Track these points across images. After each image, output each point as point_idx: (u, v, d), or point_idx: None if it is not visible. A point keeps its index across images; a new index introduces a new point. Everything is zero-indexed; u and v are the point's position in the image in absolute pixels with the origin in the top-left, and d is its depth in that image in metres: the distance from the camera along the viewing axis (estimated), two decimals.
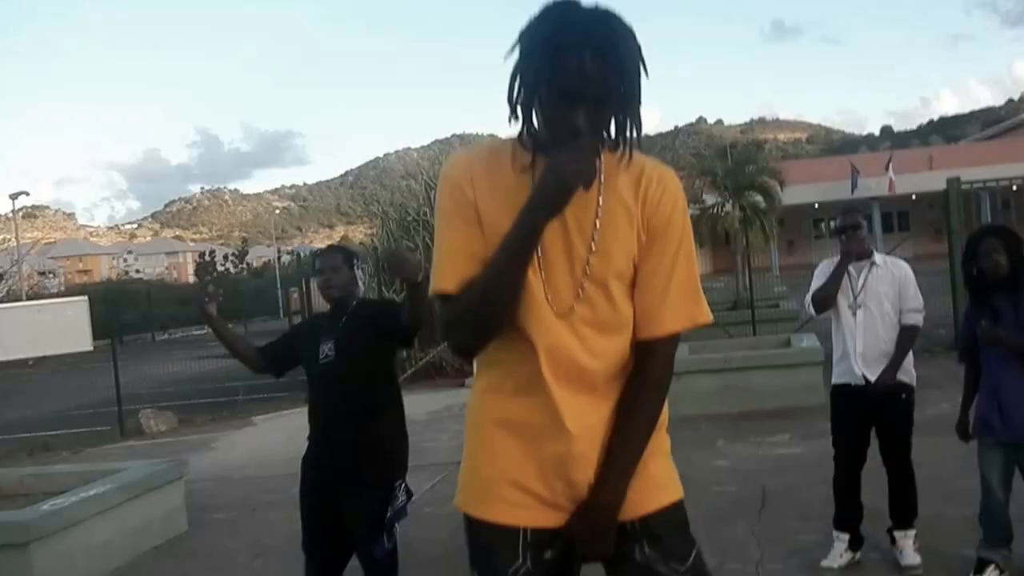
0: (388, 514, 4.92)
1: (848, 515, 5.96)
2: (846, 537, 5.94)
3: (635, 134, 2.36)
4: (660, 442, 2.56)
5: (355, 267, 5.07)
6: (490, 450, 2.51)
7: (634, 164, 2.43)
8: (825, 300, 5.94)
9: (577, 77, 2.19)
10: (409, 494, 5.04)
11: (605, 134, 2.34)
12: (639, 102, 2.33)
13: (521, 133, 2.38)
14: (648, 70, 2.31)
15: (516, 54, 2.31)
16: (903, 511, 5.85)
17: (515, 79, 2.32)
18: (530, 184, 2.31)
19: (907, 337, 5.77)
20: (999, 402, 5.02)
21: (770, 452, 8.92)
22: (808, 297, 6.10)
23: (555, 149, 2.25)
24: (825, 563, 5.92)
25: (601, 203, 2.39)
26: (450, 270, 2.38)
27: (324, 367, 4.89)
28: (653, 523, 2.49)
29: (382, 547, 4.98)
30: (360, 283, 5.10)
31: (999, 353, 5.04)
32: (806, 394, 10.12)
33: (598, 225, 2.38)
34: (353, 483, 4.84)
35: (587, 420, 2.42)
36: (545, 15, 2.27)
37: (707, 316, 2.53)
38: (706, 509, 6.84)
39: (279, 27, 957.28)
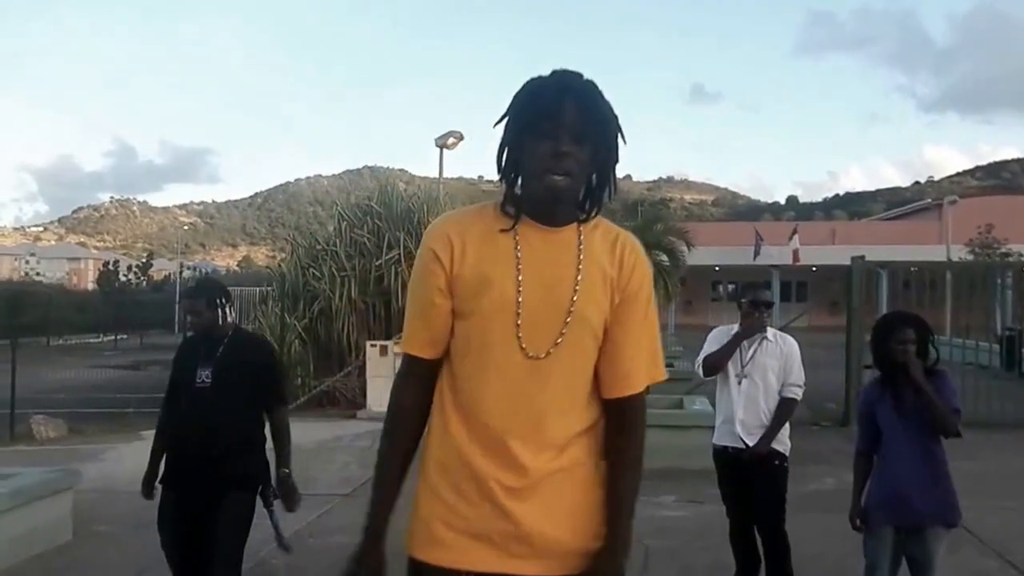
0: (272, 512, 5.45)
1: (745, 567, 6.15)
2: None
3: (611, 193, 2.59)
4: None
5: (217, 306, 5.39)
6: (437, 492, 2.57)
7: (608, 230, 2.63)
8: (715, 367, 6.16)
9: (556, 113, 2.42)
10: (275, 495, 5.45)
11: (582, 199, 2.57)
12: (616, 160, 2.57)
13: (504, 201, 2.57)
14: (625, 137, 2.57)
15: (503, 124, 2.57)
16: None
17: (502, 142, 2.57)
18: (510, 242, 2.53)
19: (785, 408, 5.99)
20: (894, 486, 4.99)
21: (655, 512, 8.85)
22: (700, 359, 6.31)
23: (541, 189, 2.47)
24: None
25: (582, 261, 2.53)
26: (411, 335, 2.65)
27: (200, 391, 5.23)
28: None
29: (280, 540, 5.57)
30: (227, 317, 5.47)
31: (898, 434, 5.01)
32: (695, 456, 9.68)
33: (579, 280, 2.52)
34: (223, 494, 5.17)
35: (547, 468, 2.50)
36: (528, 82, 2.54)
37: (664, 374, 2.69)
38: None
39: (201, 45, 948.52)
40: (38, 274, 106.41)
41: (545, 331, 2.50)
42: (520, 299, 2.48)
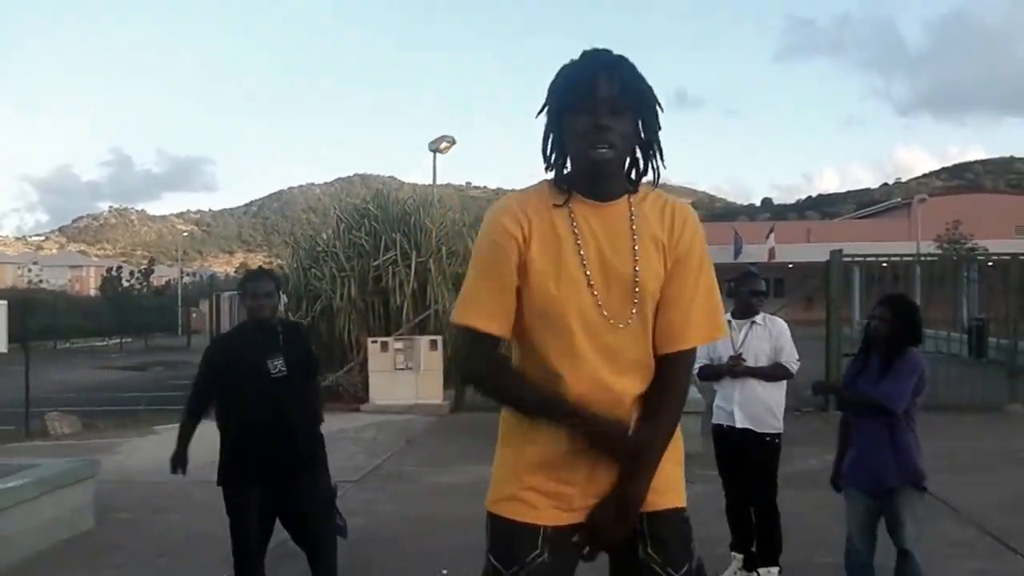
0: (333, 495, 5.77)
1: (740, 538, 6.29)
2: (740, 557, 6.28)
3: (659, 163, 2.61)
4: (675, 450, 2.69)
5: (278, 293, 5.57)
6: (516, 455, 2.63)
7: (657, 198, 2.63)
8: (709, 380, 6.34)
9: (591, 88, 2.44)
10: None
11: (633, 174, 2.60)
12: (658, 128, 2.58)
13: (556, 177, 2.58)
14: (663, 107, 2.59)
15: (545, 112, 2.59)
16: (769, 549, 6.12)
17: (545, 129, 2.58)
18: (566, 219, 2.53)
19: (780, 369, 6.13)
20: (860, 454, 5.12)
21: None
22: (696, 371, 6.29)
23: (586, 165, 2.49)
24: None
25: (635, 232, 2.55)
26: (473, 311, 2.57)
27: (278, 379, 5.28)
28: (659, 524, 2.59)
29: (338, 524, 5.78)
30: (281, 304, 5.52)
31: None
32: (687, 440, 10.07)
33: (637, 251, 2.54)
34: (303, 474, 5.36)
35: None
36: (562, 68, 2.55)
37: (723, 331, 2.71)
38: None
39: (196, 57, 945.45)
40: (41, 281, 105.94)
41: (618, 305, 2.52)
42: (588, 272, 2.50)
